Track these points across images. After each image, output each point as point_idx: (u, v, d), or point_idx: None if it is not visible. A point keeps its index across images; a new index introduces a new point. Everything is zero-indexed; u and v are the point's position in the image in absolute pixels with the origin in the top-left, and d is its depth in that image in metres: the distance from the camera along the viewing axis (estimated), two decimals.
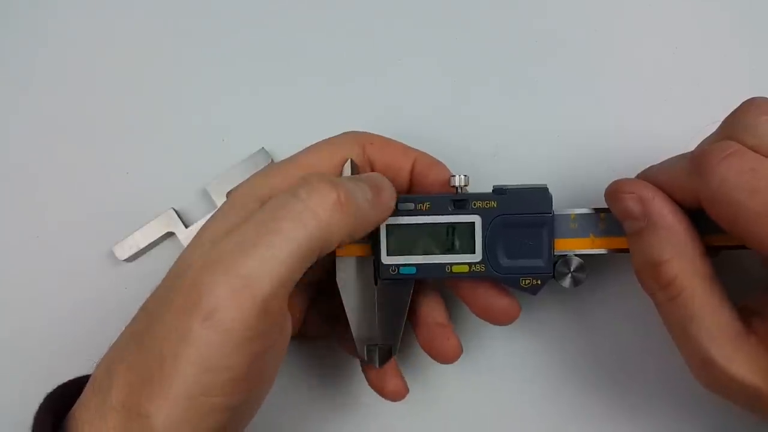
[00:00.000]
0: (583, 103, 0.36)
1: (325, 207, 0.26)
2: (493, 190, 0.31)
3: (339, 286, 0.31)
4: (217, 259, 0.25)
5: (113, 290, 0.37)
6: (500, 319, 0.32)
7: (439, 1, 0.37)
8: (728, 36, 0.36)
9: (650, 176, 0.30)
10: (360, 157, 0.31)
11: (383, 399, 0.32)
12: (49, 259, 0.37)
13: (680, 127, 0.29)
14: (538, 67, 0.37)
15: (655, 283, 0.28)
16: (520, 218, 0.30)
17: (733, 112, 0.28)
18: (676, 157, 0.29)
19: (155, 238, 0.36)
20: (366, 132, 0.32)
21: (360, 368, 0.33)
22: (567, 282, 0.30)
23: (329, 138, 0.32)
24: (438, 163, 0.32)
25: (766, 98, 0.27)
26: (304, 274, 0.26)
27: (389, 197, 0.29)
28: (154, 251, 0.37)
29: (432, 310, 0.32)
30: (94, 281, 0.37)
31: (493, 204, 0.30)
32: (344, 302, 0.31)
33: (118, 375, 0.26)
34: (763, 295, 0.29)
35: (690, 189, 0.27)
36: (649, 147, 0.32)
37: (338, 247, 0.27)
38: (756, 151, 0.26)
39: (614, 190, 0.29)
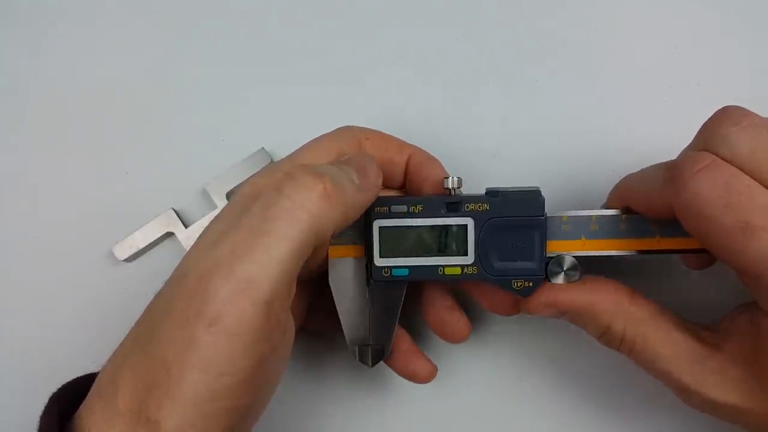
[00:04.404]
0: (583, 103, 0.36)
1: (312, 200, 0.26)
2: (486, 193, 0.30)
3: (331, 288, 0.31)
4: (215, 265, 0.25)
5: (113, 290, 0.37)
6: (507, 311, 0.32)
7: (439, 2, 0.37)
8: (728, 36, 0.36)
9: (628, 185, 0.30)
10: (356, 150, 0.31)
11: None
12: (49, 259, 0.37)
13: (680, 127, 0.29)
14: (538, 67, 0.37)
15: (614, 345, 0.30)
16: (512, 221, 0.30)
17: (707, 121, 0.27)
18: (654, 166, 0.29)
19: (155, 238, 0.37)
20: (362, 127, 0.32)
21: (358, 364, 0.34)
22: (560, 280, 0.30)
23: (326, 134, 0.32)
24: (432, 158, 0.32)
25: (739, 107, 0.27)
26: (308, 270, 0.27)
27: (375, 177, 0.29)
28: (153, 251, 0.37)
29: (438, 296, 0.33)
30: (94, 281, 0.37)
31: (486, 207, 0.30)
32: (336, 303, 0.31)
33: (123, 380, 0.26)
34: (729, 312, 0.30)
35: (664, 199, 0.27)
36: (649, 147, 0.32)
37: (333, 234, 0.27)
38: (730, 162, 0.25)
39: (524, 308, 0.31)
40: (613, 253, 0.30)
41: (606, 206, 0.32)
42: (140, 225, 0.37)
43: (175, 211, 0.37)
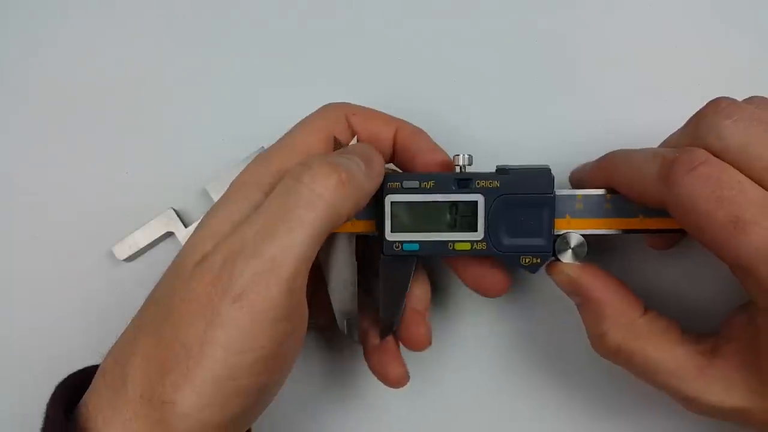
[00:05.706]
0: (583, 102, 0.36)
1: (329, 189, 0.27)
2: (496, 170, 0.31)
3: (320, 261, 0.31)
4: (241, 245, 0.26)
5: (113, 290, 0.37)
6: (490, 292, 0.32)
7: (439, 1, 0.37)
8: (728, 35, 0.36)
9: (614, 168, 0.30)
10: (345, 128, 0.32)
11: (383, 390, 0.33)
12: (48, 259, 0.37)
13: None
14: (537, 66, 0.37)
15: (605, 353, 0.30)
16: (521, 198, 0.30)
17: (698, 112, 0.28)
18: (643, 153, 0.29)
19: (155, 238, 0.36)
20: (347, 103, 0.33)
21: (362, 358, 0.34)
22: (568, 257, 0.30)
23: (313, 114, 0.32)
24: (420, 130, 0.33)
25: (730, 99, 0.27)
26: (315, 259, 0.27)
27: (379, 165, 0.30)
28: (153, 251, 0.37)
29: (413, 295, 0.33)
30: (93, 281, 0.37)
31: (496, 183, 0.30)
32: (326, 277, 0.32)
33: (133, 367, 0.26)
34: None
35: (656, 193, 0.27)
36: (648, 146, 0.32)
37: (346, 221, 0.28)
38: (720, 156, 0.26)
39: (550, 269, 0.31)
40: (598, 232, 0.30)
41: (580, 174, 0.33)
42: (140, 225, 0.37)
43: (175, 211, 0.37)
